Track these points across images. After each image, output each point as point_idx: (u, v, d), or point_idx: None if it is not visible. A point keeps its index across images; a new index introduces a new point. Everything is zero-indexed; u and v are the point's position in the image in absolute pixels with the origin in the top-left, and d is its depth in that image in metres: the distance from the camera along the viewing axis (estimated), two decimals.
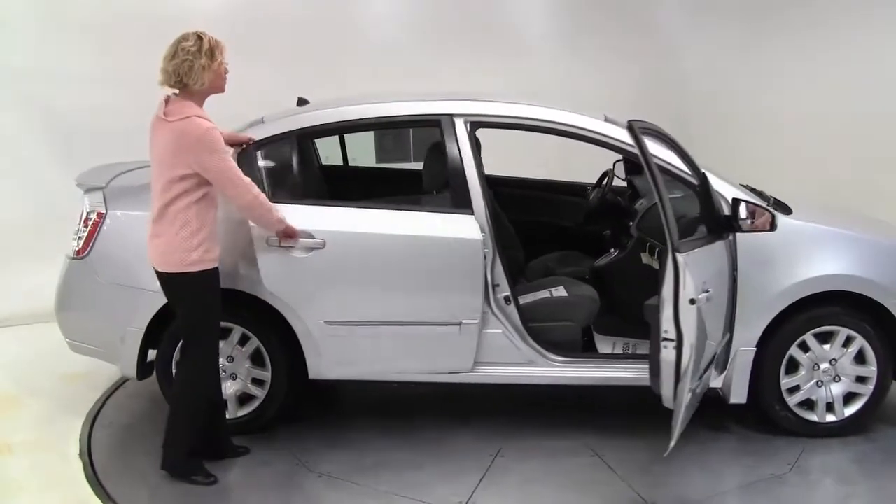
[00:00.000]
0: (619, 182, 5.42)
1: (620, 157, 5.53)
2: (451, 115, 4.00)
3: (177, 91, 3.43)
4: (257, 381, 4.04)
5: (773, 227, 3.66)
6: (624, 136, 3.97)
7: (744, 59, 8.07)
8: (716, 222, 3.74)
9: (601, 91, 7.59)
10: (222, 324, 3.79)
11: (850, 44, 7.15)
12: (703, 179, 3.75)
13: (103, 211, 4.00)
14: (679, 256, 3.16)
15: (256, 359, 4.02)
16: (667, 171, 4.00)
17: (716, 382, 3.92)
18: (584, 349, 4.22)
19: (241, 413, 4.05)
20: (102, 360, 4.18)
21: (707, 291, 3.33)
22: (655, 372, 3.32)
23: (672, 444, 3.23)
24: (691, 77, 8.46)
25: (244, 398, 4.05)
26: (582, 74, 8.06)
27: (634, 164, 5.42)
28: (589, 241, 5.21)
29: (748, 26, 8.05)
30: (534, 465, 3.80)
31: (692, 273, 3.21)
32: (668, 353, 3.18)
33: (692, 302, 3.14)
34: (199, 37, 3.37)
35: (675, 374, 3.18)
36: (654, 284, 4.46)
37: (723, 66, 8.20)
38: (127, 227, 3.99)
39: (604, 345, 4.34)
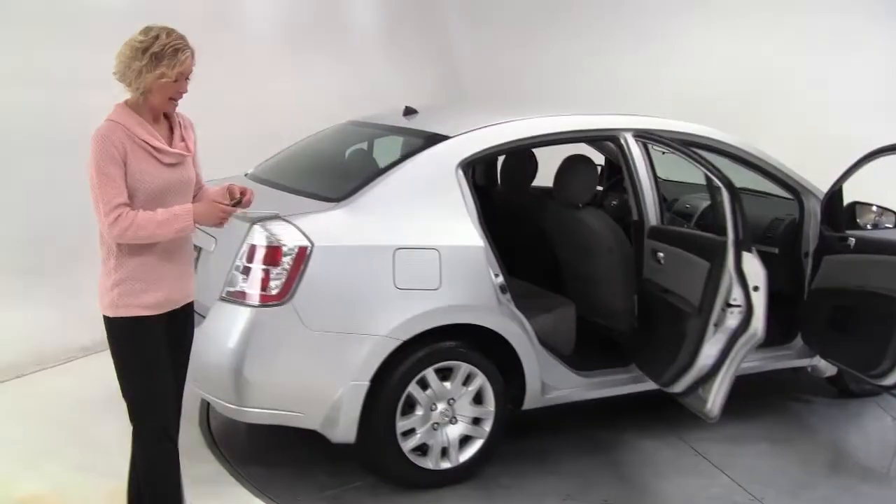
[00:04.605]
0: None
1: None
2: (624, 130, 4.08)
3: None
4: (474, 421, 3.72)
5: None
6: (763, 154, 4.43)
7: (524, 61, 8.71)
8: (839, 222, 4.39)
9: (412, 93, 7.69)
10: (444, 363, 3.57)
11: (642, 45, 7.86)
12: (840, 188, 4.35)
13: (306, 244, 3.32)
14: None
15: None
16: (768, 173, 4.53)
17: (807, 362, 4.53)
18: None
19: (464, 458, 3.69)
20: (295, 426, 3.46)
21: None
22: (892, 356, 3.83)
23: None
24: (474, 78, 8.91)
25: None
26: (394, 76, 8.15)
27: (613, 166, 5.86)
28: None
29: (528, 30, 8.63)
30: (751, 454, 4.08)
31: None
32: None
33: None
34: (157, 35, 2.58)
35: None
36: None
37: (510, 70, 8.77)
38: (335, 261, 3.39)
39: None
